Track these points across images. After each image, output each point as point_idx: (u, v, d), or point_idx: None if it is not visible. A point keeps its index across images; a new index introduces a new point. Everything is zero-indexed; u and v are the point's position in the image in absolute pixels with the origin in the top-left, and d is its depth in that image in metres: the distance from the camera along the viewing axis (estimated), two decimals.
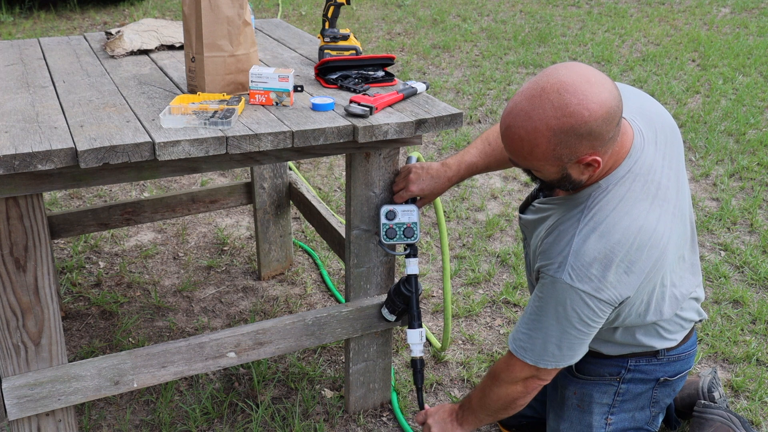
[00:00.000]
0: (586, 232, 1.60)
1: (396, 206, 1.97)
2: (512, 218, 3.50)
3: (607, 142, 1.52)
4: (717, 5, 8.02)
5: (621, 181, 1.62)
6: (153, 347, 1.91)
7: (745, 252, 3.20)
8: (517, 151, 1.55)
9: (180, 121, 1.68)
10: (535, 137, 1.49)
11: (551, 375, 1.78)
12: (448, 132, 4.48)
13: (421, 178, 1.98)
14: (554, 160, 1.52)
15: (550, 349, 1.70)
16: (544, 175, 1.60)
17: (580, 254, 1.58)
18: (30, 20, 6.82)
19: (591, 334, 1.69)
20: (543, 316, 1.68)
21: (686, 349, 1.88)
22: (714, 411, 2.04)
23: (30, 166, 1.50)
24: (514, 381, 1.79)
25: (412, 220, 1.96)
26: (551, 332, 1.68)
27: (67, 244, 3.22)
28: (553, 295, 1.64)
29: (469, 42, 6.48)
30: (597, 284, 1.59)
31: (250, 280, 2.99)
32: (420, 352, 2.08)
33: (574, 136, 1.47)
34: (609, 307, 1.62)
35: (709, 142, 4.33)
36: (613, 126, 1.51)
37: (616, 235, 1.58)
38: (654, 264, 1.62)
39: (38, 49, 2.34)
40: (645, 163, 1.66)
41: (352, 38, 2.25)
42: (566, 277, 1.59)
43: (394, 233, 1.97)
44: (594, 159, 1.53)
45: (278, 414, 2.28)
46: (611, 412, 1.89)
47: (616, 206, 1.61)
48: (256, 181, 2.80)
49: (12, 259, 1.65)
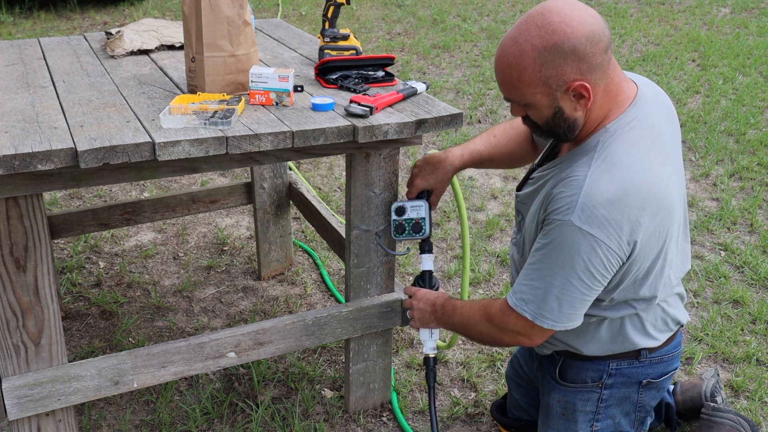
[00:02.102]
0: (598, 173, 1.55)
1: (406, 202, 1.98)
2: (512, 218, 3.49)
3: (595, 68, 1.52)
4: (717, 5, 8.02)
5: (629, 126, 1.60)
6: (153, 347, 1.91)
7: (745, 252, 3.20)
8: (507, 80, 1.57)
9: (180, 121, 1.68)
10: (522, 60, 1.52)
11: (541, 339, 1.71)
12: (448, 132, 4.48)
13: (423, 171, 1.99)
14: (543, 86, 1.53)
15: (550, 301, 1.62)
16: (538, 111, 1.59)
17: (591, 195, 1.53)
18: (30, 20, 6.82)
19: (592, 294, 1.62)
20: (546, 264, 1.61)
21: (669, 351, 1.83)
22: (724, 415, 2.03)
23: (30, 166, 1.50)
24: (504, 330, 1.73)
25: (421, 216, 1.97)
26: (554, 281, 1.60)
27: (67, 244, 3.22)
28: (559, 240, 1.57)
29: (469, 42, 6.48)
30: (607, 228, 1.52)
31: (250, 280, 2.99)
32: (432, 350, 2.02)
33: (558, 54, 1.49)
34: (617, 259, 1.56)
35: (709, 142, 4.33)
36: (600, 50, 1.51)
37: (630, 178, 1.54)
38: (664, 218, 1.58)
39: (38, 49, 2.34)
40: (651, 117, 1.63)
41: (352, 38, 2.25)
42: (575, 219, 1.53)
43: (403, 229, 1.98)
44: (582, 85, 1.52)
45: (278, 414, 2.28)
46: (596, 419, 1.86)
47: (629, 150, 1.57)
48: (256, 181, 2.80)
49: (12, 259, 1.65)
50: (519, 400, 2.13)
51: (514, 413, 2.16)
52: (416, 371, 2.48)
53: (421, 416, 2.30)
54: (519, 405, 2.14)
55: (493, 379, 2.46)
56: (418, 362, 2.52)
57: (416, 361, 2.52)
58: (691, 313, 2.80)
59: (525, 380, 2.10)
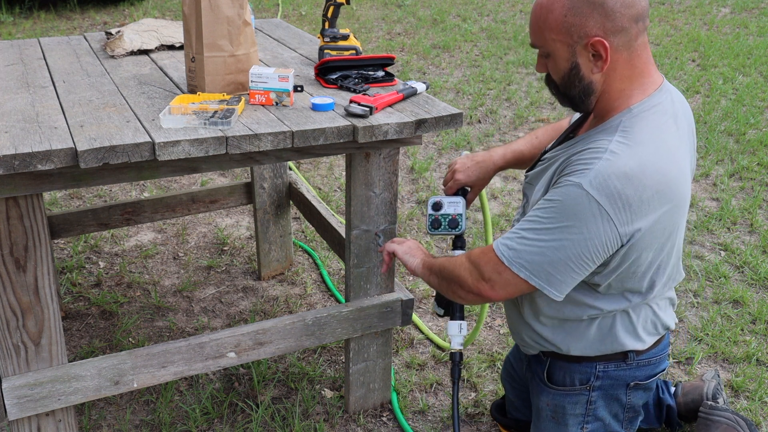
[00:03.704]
0: (620, 147, 1.51)
1: (443, 198, 2.00)
2: (512, 218, 3.50)
3: (620, 32, 1.51)
4: (717, 5, 8.02)
5: (653, 109, 1.57)
6: (153, 347, 1.91)
7: (745, 252, 3.20)
8: (536, 21, 1.58)
9: (180, 121, 1.68)
10: (553, 3, 1.54)
11: (503, 291, 1.62)
12: (448, 132, 4.48)
13: (466, 167, 1.99)
14: (564, 34, 1.53)
15: (534, 254, 1.55)
16: (557, 63, 1.58)
17: (608, 164, 1.48)
18: (30, 20, 6.82)
19: (579, 268, 1.55)
20: (543, 219, 1.55)
21: (656, 353, 1.82)
22: (720, 413, 2.04)
23: (30, 166, 1.50)
24: (475, 270, 1.66)
25: (458, 212, 1.98)
26: (545, 238, 1.54)
27: (67, 244, 3.22)
28: (563, 200, 1.52)
29: (469, 42, 6.48)
30: (616, 200, 1.48)
31: (250, 280, 2.99)
32: (459, 345, 1.99)
33: (587, 3, 1.50)
34: (616, 237, 1.51)
35: (709, 142, 4.33)
36: (630, 16, 1.51)
37: (651, 157, 1.50)
38: (673, 210, 1.56)
39: (38, 49, 2.34)
40: (674, 108, 1.62)
41: (352, 38, 2.25)
42: (585, 183, 1.48)
43: (439, 224, 1.98)
44: (600, 42, 1.51)
45: (278, 414, 2.28)
46: (586, 421, 1.86)
47: (652, 132, 1.54)
48: (256, 181, 2.80)
49: (12, 259, 1.65)
50: (515, 402, 2.13)
51: (513, 414, 2.17)
52: (416, 371, 2.48)
53: (421, 416, 2.30)
54: (515, 406, 2.14)
55: (493, 379, 2.46)
56: (419, 362, 2.52)
57: (416, 361, 2.52)
58: (691, 313, 2.80)
59: (518, 381, 2.10)
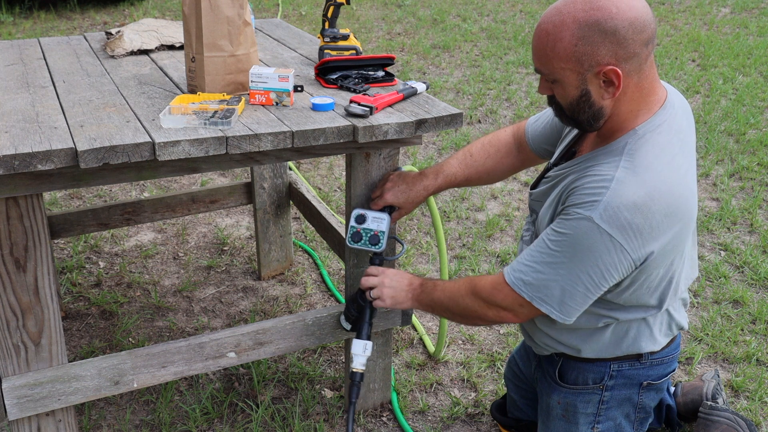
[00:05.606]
0: (626, 175, 1.52)
1: (368, 211, 1.93)
2: (512, 218, 3.50)
3: (632, 58, 1.50)
4: (717, 5, 8.02)
5: (658, 129, 1.57)
6: (153, 347, 1.91)
7: (745, 252, 3.20)
8: (542, 49, 1.53)
9: (180, 121, 1.68)
10: (560, 30, 1.49)
11: (527, 318, 1.70)
12: (448, 132, 4.48)
13: (396, 186, 1.94)
14: (574, 63, 1.50)
15: (552, 288, 1.60)
16: (565, 90, 1.56)
17: (617, 195, 1.50)
18: (30, 20, 6.82)
19: (596, 292, 1.60)
20: (557, 254, 1.58)
21: (669, 352, 1.83)
22: (720, 413, 2.04)
23: (30, 166, 1.50)
24: (490, 304, 1.71)
25: (381, 229, 1.91)
26: (561, 272, 1.58)
27: (67, 244, 3.22)
28: (575, 234, 1.54)
29: (469, 42, 6.48)
30: (627, 231, 1.51)
31: (250, 280, 2.99)
32: (361, 366, 1.92)
33: (597, 31, 1.46)
34: (630, 262, 1.55)
35: (709, 142, 4.33)
36: (641, 41, 1.49)
37: (658, 184, 1.51)
38: (682, 230, 1.57)
39: (38, 49, 2.34)
40: (678, 122, 1.61)
41: (352, 38, 2.25)
42: (596, 217, 1.50)
43: (360, 237, 1.92)
44: (614, 71, 1.49)
45: (278, 414, 2.28)
46: (597, 420, 1.85)
47: (658, 155, 1.55)
48: (256, 181, 2.80)
49: (12, 259, 1.65)
50: (518, 401, 2.13)
51: (514, 413, 2.17)
52: (416, 371, 2.48)
53: (421, 416, 2.30)
54: (518, 406, 2.14)
55: (493, 379, 2.46)
56: (419, 362, 2.52)
57: (416, 361, 2.52)
58: (691, 313, 2.80)
59: (523, 381, 2.10)
